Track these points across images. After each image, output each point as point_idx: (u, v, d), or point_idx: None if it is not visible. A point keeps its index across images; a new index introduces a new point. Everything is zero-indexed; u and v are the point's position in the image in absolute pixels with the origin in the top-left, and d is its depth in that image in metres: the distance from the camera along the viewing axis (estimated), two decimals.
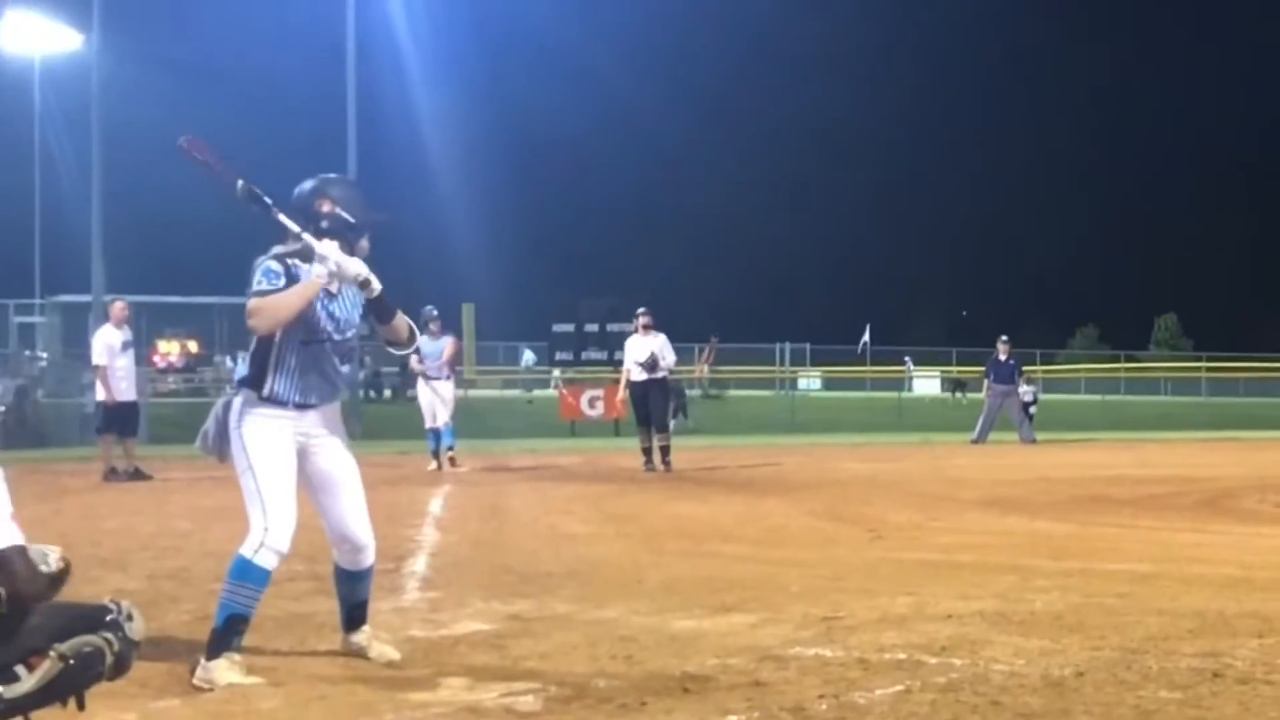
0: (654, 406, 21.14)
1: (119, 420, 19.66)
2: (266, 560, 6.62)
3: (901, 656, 6.91)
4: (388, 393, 51.71)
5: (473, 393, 50.04)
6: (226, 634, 6.52)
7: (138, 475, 19.36)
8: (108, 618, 5.46)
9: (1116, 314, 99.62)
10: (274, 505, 6.64)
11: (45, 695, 5.17)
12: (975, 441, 30.18)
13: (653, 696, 6.11)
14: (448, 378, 21.86)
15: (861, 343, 73.05)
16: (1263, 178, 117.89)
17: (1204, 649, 7.01)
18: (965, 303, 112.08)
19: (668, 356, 21.35)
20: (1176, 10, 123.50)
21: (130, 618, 5.59)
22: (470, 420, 34.87)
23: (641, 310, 21.71)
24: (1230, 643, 7.17)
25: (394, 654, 7.01)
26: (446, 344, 21.83)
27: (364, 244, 6.99)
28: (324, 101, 43.94)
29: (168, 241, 66.71)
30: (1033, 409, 32.58)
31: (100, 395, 19.88)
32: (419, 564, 10.71)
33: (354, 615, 7.11)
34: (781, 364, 55.18)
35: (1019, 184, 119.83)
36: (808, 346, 67.92)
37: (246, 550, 6.63)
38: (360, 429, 29.27)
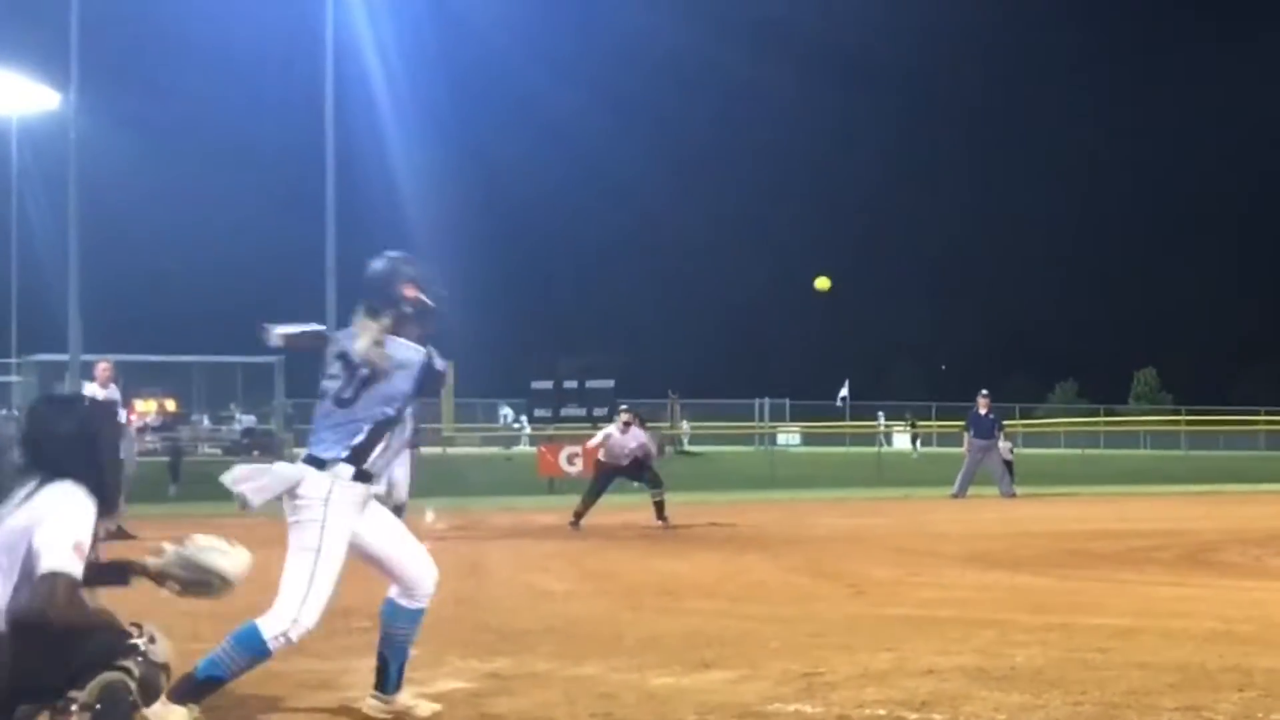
0: (643, 475, 21.38)
1: None
2: (278, 645, 6.52)
3: (882, 712, 6.89)
4: None
5: (451, 450, 49.93)
6: (200, 688, 6.40)
7: (120, 534, 19.21)
8: (128, 642, 5.48)
9: (1095, 368, 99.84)
10: (316, 599, 6.55)
11: None
12: (955, 496, 30.16)
13: None
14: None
15: (840, 396, 73.13)
16: (1242, 232, 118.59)
17: (1185, 703, 7.00)
18: (944, 357, 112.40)
19: (651, 453, 21.54)
20: (1154, 67, 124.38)
21: (153, 640, 5.61)
22: (448, 478, 34.79)
23: (624, 407, 21.82)
24: (1212, 696, 7.16)
25: (436, 706, 7.01)
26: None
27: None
28: (300, 158, 44.04)
29: (144, 300, 66.70)
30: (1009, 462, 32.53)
31: None
32: None
33: (403, 669, 7.04)
34: (760, 419, 55.14)
35: (998, 239, 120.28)
36: (787, 402, 67.98)
37: (266, 630, 6.48)
38: None
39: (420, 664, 8.55)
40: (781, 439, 60.89)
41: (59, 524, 5.68)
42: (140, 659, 5.67)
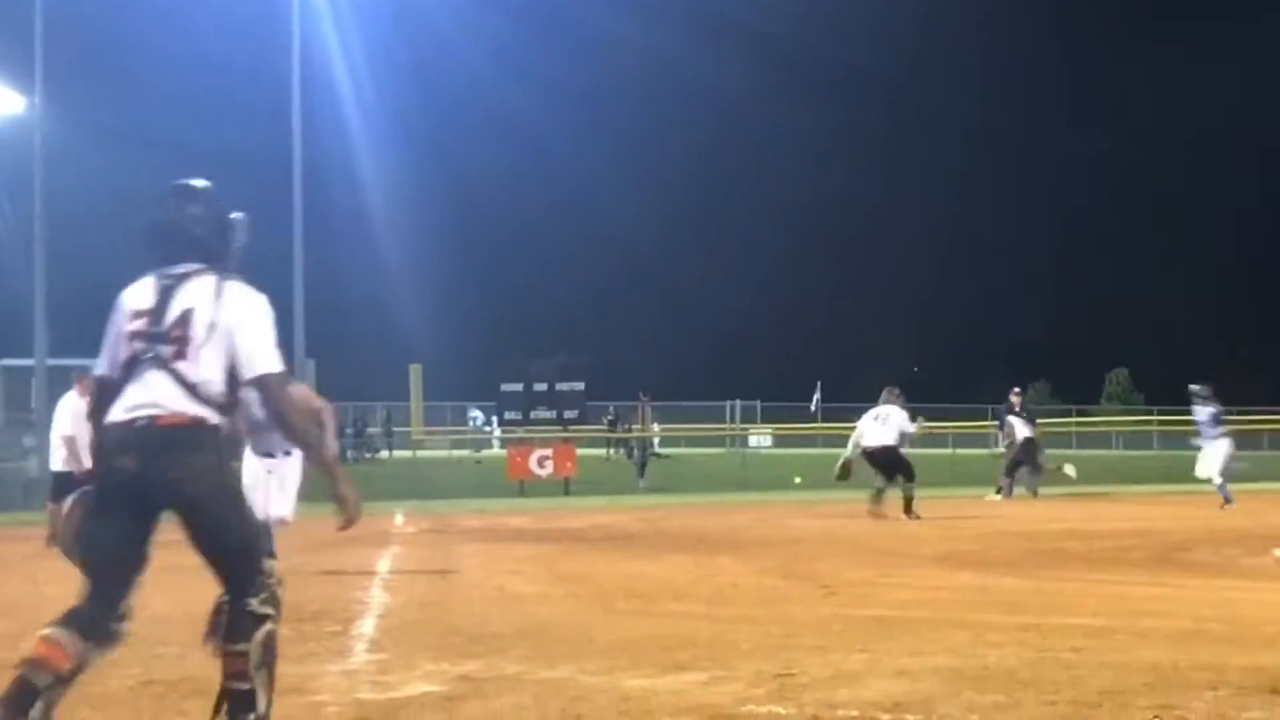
0: None
1: (74, 489, 19.35)
2: None
3: (855, 713, 6.86)
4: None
5: (420, 453, 49.84)
6: None
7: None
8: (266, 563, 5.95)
9: (1068, 369, 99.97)
10: None
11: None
12: (1032, 484, 30.37)
13: None
14: None
15: (814, 400, 73.13)
16: (1213, 233, 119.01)
17: (1158, 702, 6.99)
18: (917, 359, 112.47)
19: None
20: (1124, 65, 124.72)
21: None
22: (418, 481, 34.73)
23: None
24: (1184, 695, 7.14)
25: None
26: None
27: None
28: (268, 162, 43.85)
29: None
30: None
31: (61, 464, 19.54)
32: (367, 625, 10.61)
33: None
34: (731, 421, 55.18)
35: (970, 240, 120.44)
36: (758, 404, 67.97)
37: None
38: (308, 489, 29.08)
39: (391, 667, 8.51)
40: (753, 441, 60.87)
41: (262, 328, 5.97)
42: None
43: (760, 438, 64.18)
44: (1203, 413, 27.74)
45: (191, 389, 5.82)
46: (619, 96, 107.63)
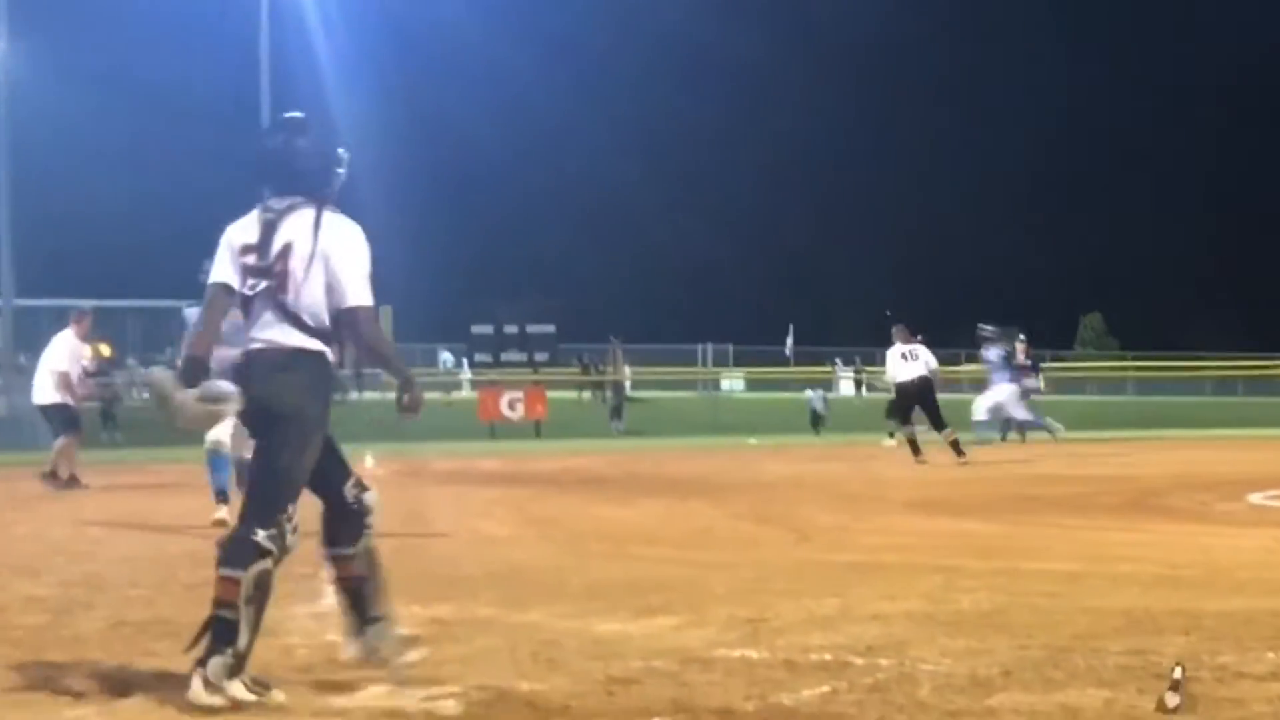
0: None
1: (72, 420, 19.43)
2: None
3: (828, 658, 6.83)
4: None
5: (390, 395, 49.68)
6: None
7: (72, 482, 18.98)
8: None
9: (1041, 314, 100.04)
10: None
11: None
12: (1051, 433, 30.46)
13: (576, 700, 6.00)
14: None
15: (787, 344, 73.17)
16: (1186, 177, 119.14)
17: (1131, 646, 6.97)
18: (889, 303, 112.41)
19: None
20: (1099, 12, 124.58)
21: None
22: (387, 423, 34.64)
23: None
24: (1158, 640, 7.13)
25: None
26: None
27: None
28: (236, 102, 43.58)
29: (76, 246, 65.89)
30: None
31: (56, 397, 19.50)
32: None
33: None
34: (704, 365, 55.11)
35: (943, 184, 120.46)
36: (730, 347, 67.94)
37: None
38: None
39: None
40: (725, 384, 60.92)
41: (357, 260, 6.23)
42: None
43: (732, 381, 64.27)
44: (991, 353, 27.23)
45: (295, 319, 6.14)
46: (592, 39, 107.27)
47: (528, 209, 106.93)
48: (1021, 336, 32.45)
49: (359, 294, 6.19)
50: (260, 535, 6.07)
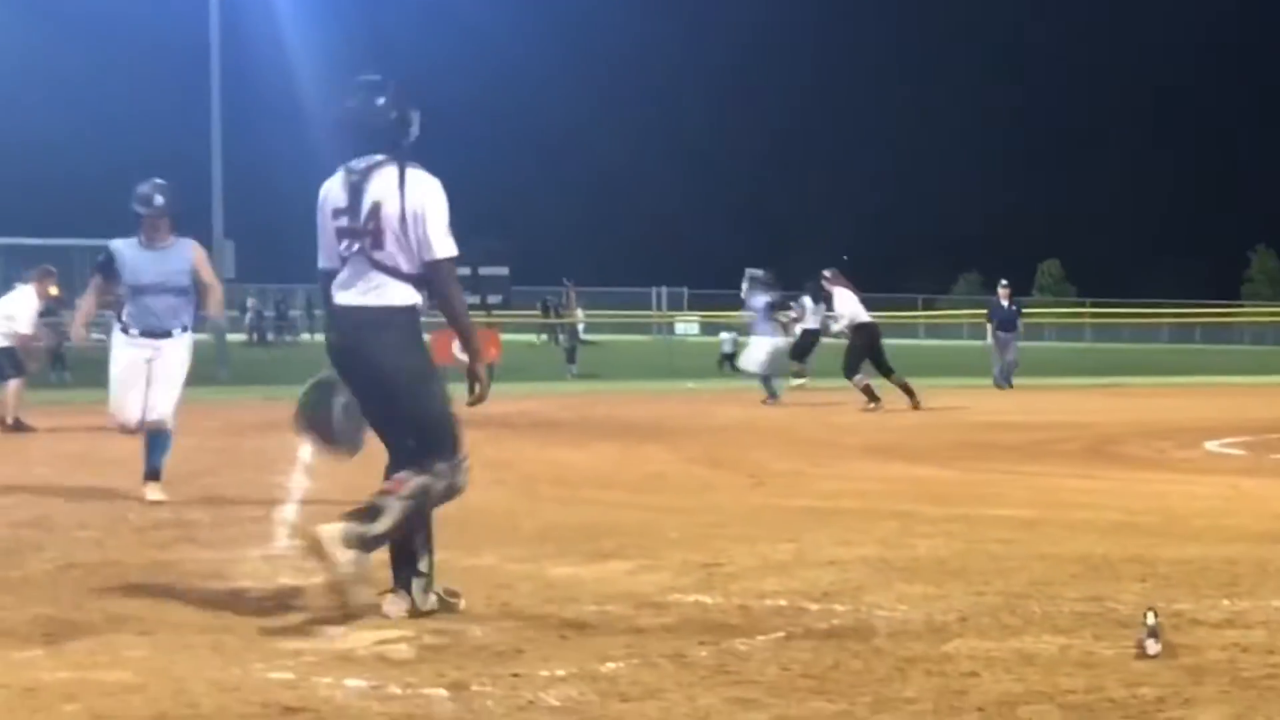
0: None
1: (14, 362, 19.32)
2: None
3: (783, 603, 6.79)
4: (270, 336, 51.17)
5: None
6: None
7: (19, 427, 18.79)
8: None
9: (999, 259, 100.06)
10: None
11: None
12: (1001, 386, 30.47)
13: (529, 644, 5.95)
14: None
15: (743, 289, 73.17)
16: (1145, 124, 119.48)
17: (1088, 593, 6.97)
18: (846, 247, 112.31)
19: None
20: None
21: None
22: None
23: None
24: (1114, 587, 7.13)
25: None
26: None
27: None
28: (188, 33, 42.98)
29: (20, 183, 65.24)
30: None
31: (6, 342, 19.40)
32: (289, 511, 10.46)
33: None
34: (658, 308, 55.03)
35: (901, 129, 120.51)
36: (685, 291, 67.84)
37: None
38: (228, 373, 28.75)
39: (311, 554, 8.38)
40: (679, 328, 60.85)
41: (439, 214, 6.54)
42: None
43: (687, 325, 64.23)
44: (758, 300, 26.14)
45: (392, 273, 6.49)
46: None
47: (480, 150, 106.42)
48: (1004, 282, 32.40)
49: (443, 246, 6.52)
50: (436, 462, 6.59)
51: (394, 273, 6.49)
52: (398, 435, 6.69)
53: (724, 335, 42.93)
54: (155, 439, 10.90)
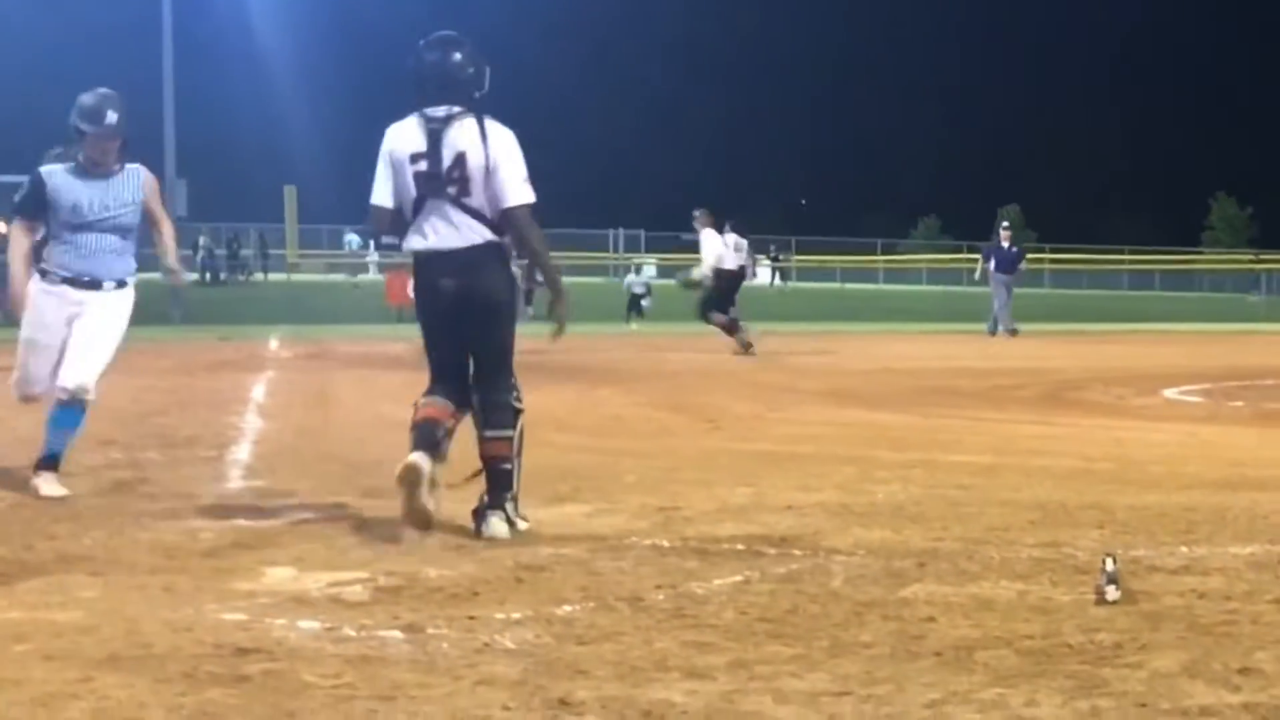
0: None
1: None
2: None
3: (740, 547, 6.77)
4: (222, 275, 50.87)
5: (295, 277, 49.27)
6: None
7: None
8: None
9: (958, 204, 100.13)
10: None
11: None
12: (1004, 332, 29.93)
13: (485, 587, 5.91)
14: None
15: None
16: (1105, 69, 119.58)
17: (1045, 539, 6.96)
18: (804, 191, 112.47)
19: None
20: None
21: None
22: (293, 305, 34.29)
23: None
24: (1071, 533, 7.12)
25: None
26: None
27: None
28: None
29: None
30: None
31: None
32: (243, 452, 10.42)
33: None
34: (615, 251, 55.00)
35: (861, 73, 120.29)
36: (642, 233, 67.79)
37: None
38: (180, 314, 28.53)
39: (268, 494, 8.34)
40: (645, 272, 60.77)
41: (517, 163, 7.13)
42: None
43: (644, 268, 64.14)
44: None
45: (480, 217, 7.03)
46: None
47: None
48: (1005, 224, 32.19)
49: (523, 193, 7.10)
50: (512, 399, 7.25)
51: (481, 218, 7.03)
52: (482, 364, 7.23)
53: (630, 278, 42.08)
54: (64, 413, 8.34)
